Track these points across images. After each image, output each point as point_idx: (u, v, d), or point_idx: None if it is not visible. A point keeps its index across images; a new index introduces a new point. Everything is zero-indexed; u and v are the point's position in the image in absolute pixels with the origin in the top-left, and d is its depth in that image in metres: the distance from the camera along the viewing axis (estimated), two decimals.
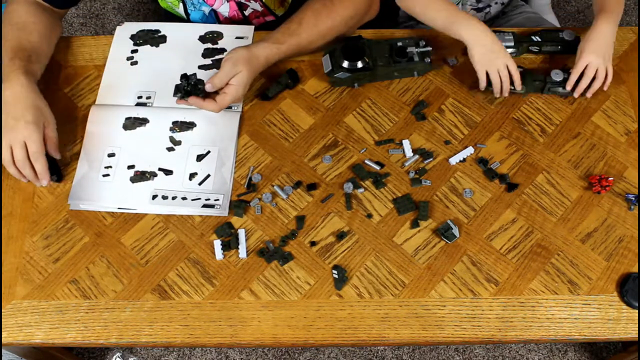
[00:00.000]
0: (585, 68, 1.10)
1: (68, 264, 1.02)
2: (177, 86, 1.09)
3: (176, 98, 1.08)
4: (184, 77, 1.06)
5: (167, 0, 1.26)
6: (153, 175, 1.08)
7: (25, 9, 1.12)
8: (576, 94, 1.13)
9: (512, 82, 1.12)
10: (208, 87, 1.05)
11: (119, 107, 1.15)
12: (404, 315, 0.97)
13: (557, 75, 1.13)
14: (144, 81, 1.17)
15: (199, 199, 1.06)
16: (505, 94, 1.13)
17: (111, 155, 1.10)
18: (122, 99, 1.16)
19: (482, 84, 1.12)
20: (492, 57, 1.09)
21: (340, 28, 1.15)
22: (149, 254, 1.03)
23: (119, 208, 1.06)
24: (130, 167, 1.09)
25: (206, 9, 1.26)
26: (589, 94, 1.13)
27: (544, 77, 1.14)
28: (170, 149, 1.11)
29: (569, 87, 1.12)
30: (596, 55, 1.09)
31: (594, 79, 1.11)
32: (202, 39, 1.22)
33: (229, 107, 1.14)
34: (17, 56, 1.06)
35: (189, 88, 1.06)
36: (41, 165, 1.02)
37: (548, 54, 1.21)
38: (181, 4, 1.27)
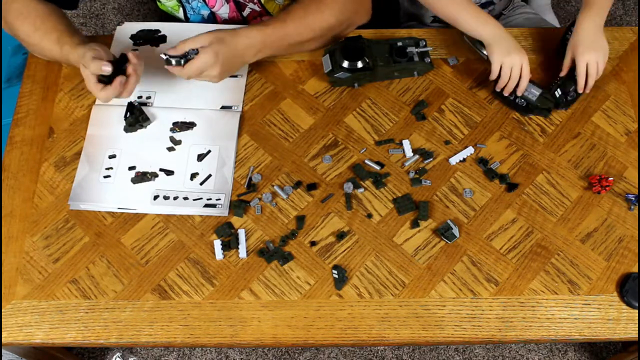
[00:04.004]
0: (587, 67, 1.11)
1: (68, 264, 1.02)
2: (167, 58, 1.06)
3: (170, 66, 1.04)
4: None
5: (168, 5, 1.27)
6: (154, 175, 1.08)
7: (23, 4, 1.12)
8: (587, 90, 1.12)
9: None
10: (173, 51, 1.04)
11: (120, 107, 1.15)
12: (404, 315, 0.97)
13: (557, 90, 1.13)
14: (144, 81, 1.17)
15: (201, 198, 1.06)
16: (506, 93, 1.12)
17: (112, 156, 1.10)
18: (123, 99, 1.16)
19: (494, 74, 1.10)
20: (511, 51, 1.09)
21: (331, 21, 1.13)
22: (149, 254, 1.03)
23: (119, 208, 1.06)
24: (131, 168, 1.09)
25: (205, 13, 1.26)
26: (587, 90, 1.13)
27: (553, 97, 1.12)
28: (170, 149, 1.11)
29: (580, 90, 1.11)
30: (594, 50, 1.09)
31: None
32: None
33: (229, 107, 1.14)
34: (59, 41, 1.08)
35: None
36: (129, 86, 1.04)
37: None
38: (181, 9, 1.27)
